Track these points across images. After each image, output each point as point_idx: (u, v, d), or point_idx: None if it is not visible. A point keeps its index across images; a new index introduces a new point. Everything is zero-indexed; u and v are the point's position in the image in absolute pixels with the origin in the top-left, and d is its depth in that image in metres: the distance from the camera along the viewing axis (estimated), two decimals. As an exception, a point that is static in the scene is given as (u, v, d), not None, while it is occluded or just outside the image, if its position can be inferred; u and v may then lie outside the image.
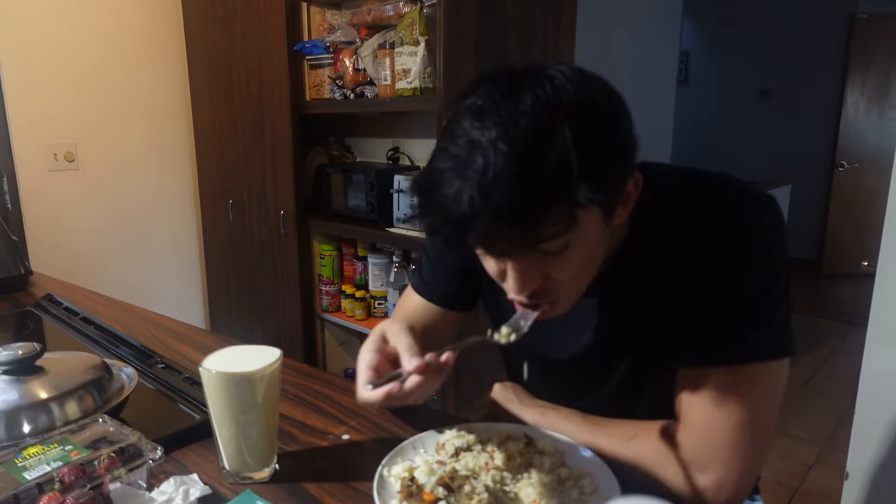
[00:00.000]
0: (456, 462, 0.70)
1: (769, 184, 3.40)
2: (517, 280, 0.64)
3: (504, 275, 0.66)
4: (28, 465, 0.63)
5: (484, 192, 0.55)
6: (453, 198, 0.57)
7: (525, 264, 0.63)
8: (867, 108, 4.78)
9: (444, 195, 0.58)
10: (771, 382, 0.69)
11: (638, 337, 0.76)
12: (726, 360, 0.68)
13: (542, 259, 0.62)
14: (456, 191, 0.57)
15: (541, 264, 0.63)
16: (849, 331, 3.74)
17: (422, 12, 1.81)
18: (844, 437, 1.56)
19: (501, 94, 0.58)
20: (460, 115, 0.60)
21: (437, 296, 0.91)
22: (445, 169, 0.58)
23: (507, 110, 0.57)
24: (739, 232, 0.69)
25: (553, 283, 0.65)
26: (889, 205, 1.37)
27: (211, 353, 0.71)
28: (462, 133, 0.58)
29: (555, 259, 0.62)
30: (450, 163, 0.58)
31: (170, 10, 2.63)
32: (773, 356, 0.68)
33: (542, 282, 0.65)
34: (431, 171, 0.60)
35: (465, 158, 0.57)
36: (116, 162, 2.58)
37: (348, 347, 2.53)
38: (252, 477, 0.72)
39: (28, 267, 1.54)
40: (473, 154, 0.57)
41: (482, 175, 0.56)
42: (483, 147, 0.56)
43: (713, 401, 0.68)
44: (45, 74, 2.34)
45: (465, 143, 0.58)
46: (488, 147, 0.56)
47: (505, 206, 0.55)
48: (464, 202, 0.56)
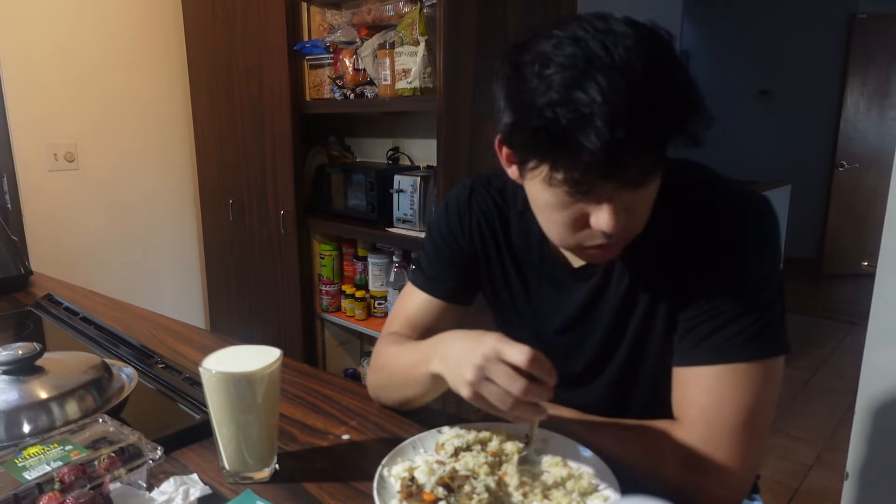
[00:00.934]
0: (456, 462, 0.70)
1: (769, 184, 3.40)
2: (613, 218, 0.62)
3: (583, 221, 0.65)
4: (28, 465, 0.63)
5: (630, 109, 0.54)
6: (591, 94, 0.54)
7: (619, 201, 0.62)
8: (867, 108, 4.78)
9: (570, 95, 0.55)
10: (767, 380, 0.69)
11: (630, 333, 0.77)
12: (721, 357, 0.69)
13: (630, 194, 0.62)
14: (595, 107, 0.54)
15: (629, 199, 0.63)
16: (849, 331, 3.74)
17: (422, 12, 1.81)
18: (844, 437, 1.56)
19: (589, 26, 0.57)
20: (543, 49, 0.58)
21: (440, 290, 0.90)
22: (572, 88, 0.55)
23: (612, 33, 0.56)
24: (731, 231, 0.70)
25: (632, 219, 0.65)
26: (889, 205, 1.37)
27: (211, 353, 0.71)
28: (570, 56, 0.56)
29: (641, 192, 0.63)
30: (556, 67, 0.55)
31: (170, 10, 2.63)
32: (768, 354, 0.69)
33: (627, 218, 0.64)
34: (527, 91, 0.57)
35: (585, 56, 0.55)
36: (116, 162, 2.58)
37: (348, 347, 2.53)
38: (252, 477, 0.72)
39: (28, 267, 1.54)
40: (597, 51, 0.55)
41: (624, 69, 0.54)
42: (609, 48, 0.55)
43: (711, 399, 0.68)
44: (44, 74, 2.34)
45: (571, 49, 0.56)
46: (616, 46, 0.55)
47: (652, 126, 0.55)
48: (609, 119, 0.54)
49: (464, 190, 0.90)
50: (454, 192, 0.91)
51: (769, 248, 0.70)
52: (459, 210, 0.88)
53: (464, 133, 1.82)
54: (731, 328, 0.69)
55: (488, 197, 0.87)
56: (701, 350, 0.70)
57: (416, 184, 1.94)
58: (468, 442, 0.74)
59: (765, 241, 0.70)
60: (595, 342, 0.81)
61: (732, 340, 0.68)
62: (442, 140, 1.78)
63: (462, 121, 1.80)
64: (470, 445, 0.73)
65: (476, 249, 0.88)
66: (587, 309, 0.80)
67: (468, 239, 0.88)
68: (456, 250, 0.89)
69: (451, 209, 0.90)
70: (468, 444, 0.73)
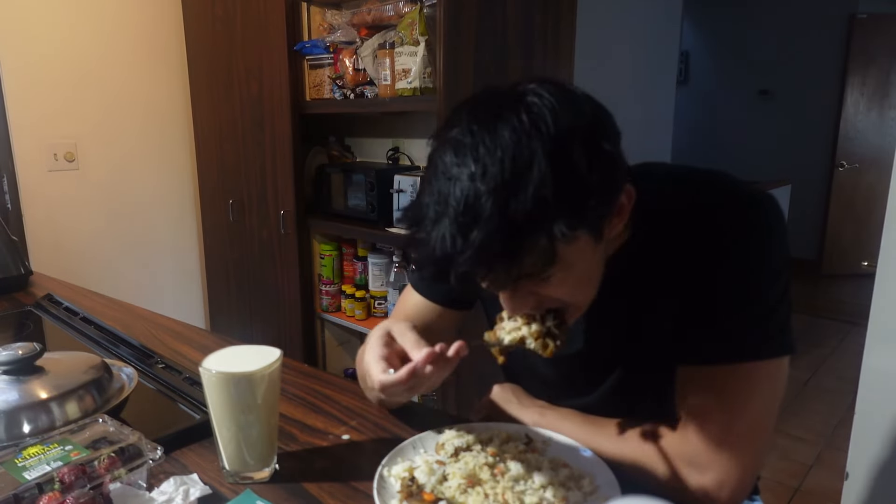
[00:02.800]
0: (456, 462, 0.70)
1: (769, 184, 3.40)
2: (508, 305, 0.67)
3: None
4: (28, 465, 0.63)
5: (464, 231, 0.56)
6: (435, 238, 0.58)
7: (513, 292, 0.65)
8: (867, 108, 4.78)
9: (428, 234, 0.59)
10: (770, 381, 0.69)
11: (636, 335, 0.77)
12: (725, 358, 0.69)
13: (529, 285, 0.63)
14: (437, 230, 0.58)
15: (530, 288, 0.64)
16: (849, 331, 3.74)
17: (422, 12, 1.81)
18: (844, 437, 1.56)
19: (480, 126, 0.58)
20: (442, 148, 0.61)
21: (437, 294, 0.91)
22: (429, 203, 0.59)
23: (484, 146, 0.57)
24: (737, 231, 0.69)
25: (549, 301, 0.66)
26: (889, 205, 1.37)
27: (211, 353, 0.71)
28: (443, 168, 0.59)
29: (545, 284, 0.63)
30: (433, 197, 0.59)
31: (170, 10, 2.63)
32: (772, 355, 0.69)
33: (536, 301, 0.66)
34: (419, 206, 0.61)
35: (445, 195, 0.58)
36: (116, 162, 2.58)
37: (348, 347, 2.53)
38: (252, 477, 0.72)
39: (28, 267, 1.54)
40: (453, 191, 0.57)
41: (461, 214, 0.56)
42: (462, 184, 0.57)
43: (713, 400, 0.68)
44: (44, 74, 2.34)
45: (444, 180, 0.58)
46: (467, 184, 0.56)
47: (485, 247, 0.56)
48: (446, 242, 0.57)
49: None
50: None
51: (775, 247, 0.70)
52: None
53: (464, 133, 1.81)
54: (736, 328, 0.68)
55: None
56: (705, 349, 0.70)
57: (416, 184, 1.94)
58: (468, 442, 0.74)
59: (771, 240, 0.70)
60: (596, 354, 0.80)
61: (735, 341, 0.68)
62: (442, 140, 1.78)
63: (462, 121, 1.80)
64: (470, 445, 0.73)
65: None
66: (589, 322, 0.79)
67: None
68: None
69: None
70: (468, 444, 0.73)
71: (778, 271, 0.69)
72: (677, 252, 0.71)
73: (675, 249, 0.71)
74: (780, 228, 0.71)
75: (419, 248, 0.61)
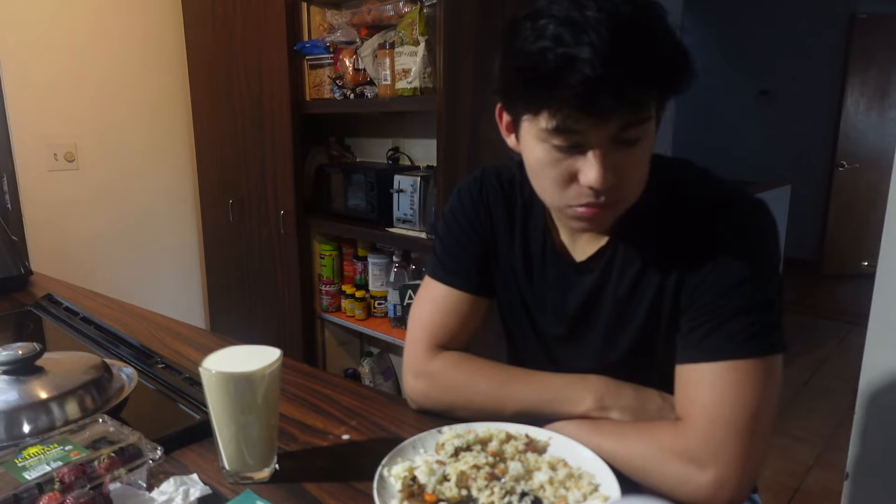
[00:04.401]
0: (456, 462, 0.70)
1: (769, 184, 3.40)
2: (600, 170, 0.65)
3: (572, 177, 0.68)
4: (28, 465, 0.63)
5: (619, 41, 0.58)
6: (580, 53, 0.58)
7: (607, 154, 0.65)
8: (867, 108, 4.78)
9: (563, 52, 0.59)
10: (768, 378, 0.70)
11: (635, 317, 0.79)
12: (724, 355, 0.70)
13: (618, 152, 0.66)
14: (582, 44, 0.58)
15: (617, 157, 0.66)
16: (849, 331, 3.74)
17: (422, 12, 1.81)
18: (844, 437, 1.56)
19: None
20: (543, 6, 0.63)
21: (468, 283, 0.88)
22: (547, 29, 0.60)
23: None
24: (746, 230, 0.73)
25: (622, 180, 0.67)
26: (889, 205, 1.37)
27: (211, 353, 0.71)
28: (558, 9, 0.61)
29: (629, 152, 0.66)
30: (553, 24, 0.60)
31: (170, 10, 2.63)
32: (770, 352, 0.70)
33: (616, 177, 0.67)
34: (529, 40, 0.61)
35: (581, 16, 0.59)
36: (116, 162, 2.58)
37: (348, 347, 2.53)
38: (252, 477, 0.72)
39: (28, 267, 1.54)
40: (591, 13, 0.59)
41: (615, 27, 0.58)
42: (601, 11, 0.59)
43: (713, 397, 0.69)
44: (45, 74, 2.34)
45: (573, 13, 0.60)
46: (607, 12, 0.59)
47: (632, 65, 0.59)
48: (596, 53, 0.58)
49: (474, 181, 0.91)
50: (465, 183, 0.92)
51: (770, 247, 0.73)
52: (472, 199, 0.89)
53: (464, 133, 1.82)
54: (733, 326, 0.70)
55: (497, 187, 0.89)
56: (703, 348, 0.71)
57: (416, 184, 1.94)
58: (468, 442, 0.74)
59: (766, 241, 0.73)
60: (596, 337, 0.83)
61: (734, 338, 0.70)
62: (442, 140, 1.78)
63: (462, 121, 1.80)
64: (470, 445, 0.73)
65: (489, 238, 0.89)
66: (588, 303, 0.82)
67: (483, 227, 0.88)
68: (475, 239, 0.89)
69: (464, 198, 0.90)
70: (468, 444, 0.73)
71: (772, 271, 0.73)
72: (672, 248, 0.75)
73: (671, 245, 0.75)
74: (773, 229, 0.75)
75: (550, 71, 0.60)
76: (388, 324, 2.20)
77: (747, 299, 0.70)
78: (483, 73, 1.80)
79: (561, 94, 0.61)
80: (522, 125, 0.70)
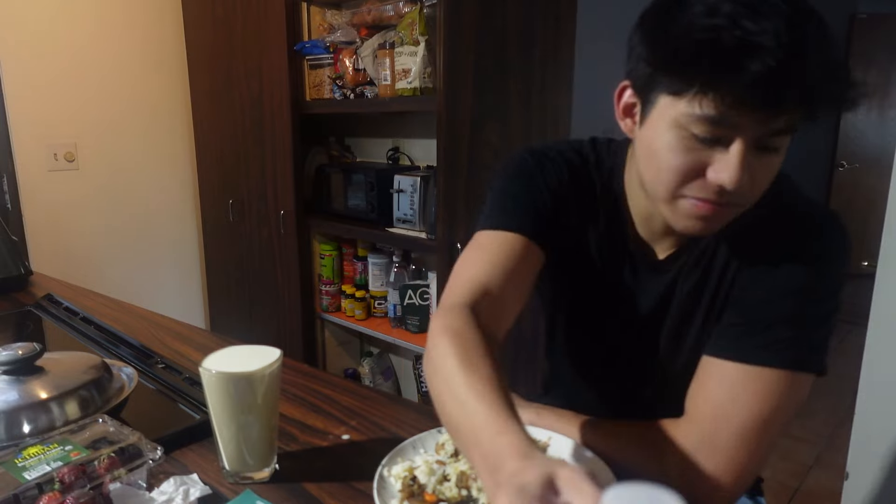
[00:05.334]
0: (456, 462, 0.70)
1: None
2: (739, 170, 0.60)
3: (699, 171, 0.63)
4: (28, 465, 0.63)
5: (800, 33, 0.56)
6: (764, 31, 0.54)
7: (748, 156, 0.61)
8: (867, 108, 4.78)
9: (745, 37, 0.54)
10: (790, 393, 0.67)
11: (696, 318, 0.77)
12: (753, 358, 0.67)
13: (757, 157, 0.62)
14: (767, 25, 0.55)
15: (755, 162, 0.62)
16: (849, 331, 3.72)
17: (422, 12, 1.81)
18: (844, 437, 1.56)
19: None
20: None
21: (521, 221, 0.75)
22: (738, 13, 0.55)
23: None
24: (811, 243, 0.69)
25: (751, 186, 0.63)
26: (889, 205, 1.37)
27: (211, 353, 0.71)
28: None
29: (766, 159, 0.63)
30: (737, 7, 0.55)
31: (170, 11, 2.63)
32: (801, 368, 0.67)
33: (749, 182, 0.62)
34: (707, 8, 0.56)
35: (757, 3, 0.56)
36: (116, 162, 2.58)
37: (348, 347, 2.53)
38: (252, 477, 0.72)
39: (28, 267, 1.54)
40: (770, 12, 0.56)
41: (792, 23, 0.56)
42: (783, 5, 0.56)
43: (727, 396, 0.67)
44: (45, 74, 2.34)
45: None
46: (789, 6, 0.57)
47: (817, 62, 0.56)
48: (781, 38, 0.54)
49: (537, 146, 0.82)
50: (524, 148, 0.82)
51: (837, 265, 0.69)
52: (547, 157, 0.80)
53: (464, 133, 1.82)
54: (774, 333, 0.67)
55: (571, 156, 0.80)
56: (737, 346, 0.69)
57: (416, 184, 1.94)
58: (468, 442, 0.73)
59: (834, 257, 0.69)
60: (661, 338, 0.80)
61: (771, 346, 0.67)
62: (442, 140, 1.78)
63: (462, 121, 1.80)
64: (470, 445, 0.73)
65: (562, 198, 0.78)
66: (660, 304, 0.79)
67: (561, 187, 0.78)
68: (545, 193, 0.78)
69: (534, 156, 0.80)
70: (468, 444, 0.73)
71: (832, 291, 0.69)
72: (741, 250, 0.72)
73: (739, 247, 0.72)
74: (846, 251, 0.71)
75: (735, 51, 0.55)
76: (388, 324, 2.20)
77: (797, 309, 0.67)
78: (483, 74, 1.80)
79: (733, 79, 0.55)
80: (656, 106, 0.63)
